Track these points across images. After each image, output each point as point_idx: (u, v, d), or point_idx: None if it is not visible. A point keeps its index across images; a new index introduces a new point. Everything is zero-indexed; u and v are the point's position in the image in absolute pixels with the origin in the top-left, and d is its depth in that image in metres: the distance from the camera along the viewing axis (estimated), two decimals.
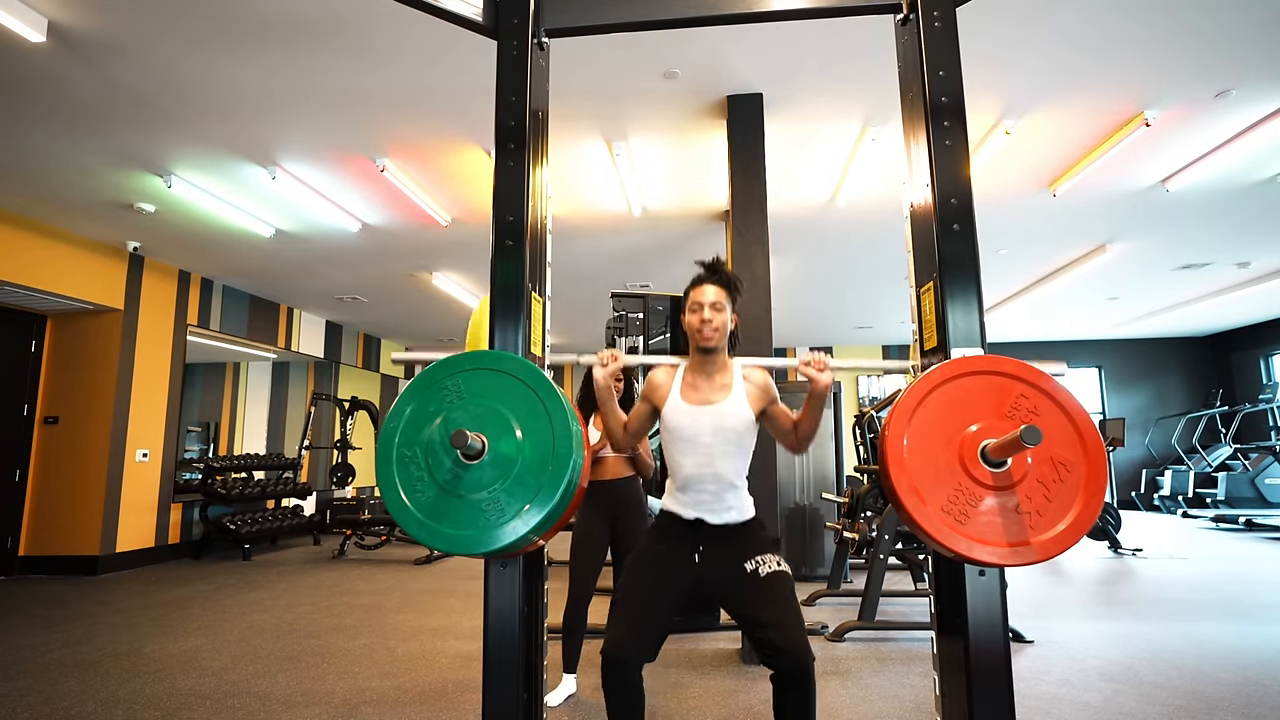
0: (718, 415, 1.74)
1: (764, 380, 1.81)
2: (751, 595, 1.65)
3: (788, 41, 3.14)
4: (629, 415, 1.89)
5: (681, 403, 1.78)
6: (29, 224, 5.11)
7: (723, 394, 1.76)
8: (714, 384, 1.78)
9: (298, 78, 3.34)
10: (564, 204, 4.99)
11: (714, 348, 1.76)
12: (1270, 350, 9.69)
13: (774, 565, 1.69)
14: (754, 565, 1.68)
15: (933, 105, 1.67)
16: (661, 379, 1.84)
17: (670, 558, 1.75)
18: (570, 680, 2.74)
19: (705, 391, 1.78)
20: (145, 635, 3.69)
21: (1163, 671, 2.99)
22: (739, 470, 1.77)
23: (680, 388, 1.80)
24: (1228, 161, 4.24)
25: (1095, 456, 1.35)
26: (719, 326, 1.75)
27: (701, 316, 1.75)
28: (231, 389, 9.62)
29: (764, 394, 1.79)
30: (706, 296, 1.76)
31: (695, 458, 1.74)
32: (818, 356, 1.65)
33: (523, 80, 1.81)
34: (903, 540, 3.99)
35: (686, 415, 1.76)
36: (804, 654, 1.55)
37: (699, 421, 1.75)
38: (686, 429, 1.75)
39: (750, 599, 1.65)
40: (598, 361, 1.76)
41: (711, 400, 1.76)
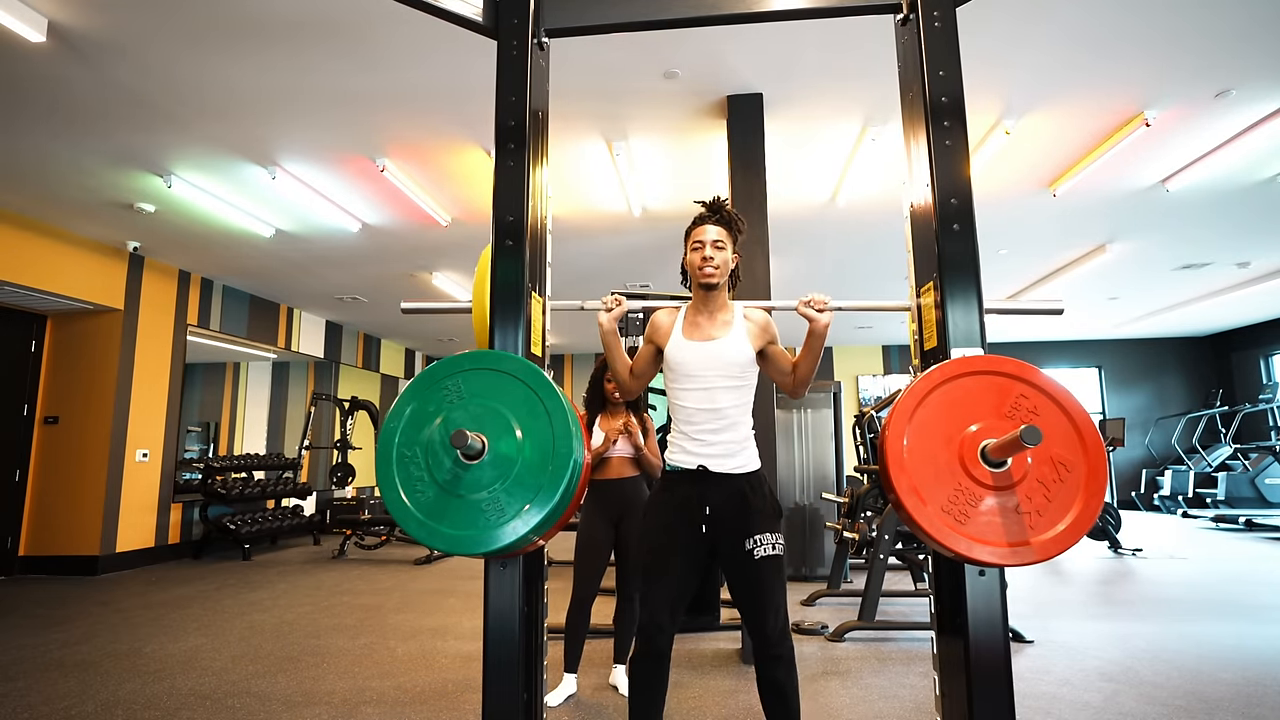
0: (718, 349, 1.78)
1: (764, 319, 1.84)
2: (744, 576, 1.72)
3: (788, 41, 3.14)
4: (634, 358, 1.93)
5: (683, 339, 1.81)
6: (29, 224, 5.11)
7: (724, 330, 1.80)
8: (715, 321, 1.82)
9: (298, 78, 3.34)
10: (564, 204, 4.99)
11: (715, 284, 1.79)
12: (1270, 350, 9.70)
13: (769, 549, 1.72)
14: (752, 545, 1.72)
15: (933, 105, 1.67)
16: (664, 320, 1.88)
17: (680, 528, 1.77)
18: (571, 680, 2.74)
19: (707, 328, 1.81)
20: (145, 635, 3.69)
21: (1163, 671, 2.99)
22: (740, 406, 1.79)
23: (682, 326, 1.84)
24: (1228, 161, 4.24)
25: (1095, 456, 1.35)
26: (720, 264, 1.78)
27: (703, 254, 1.79)
28: (231, 389, 9.61)
29: (764, 332, 1.82)
30: (708, 235, 1.80)
31: (697, 392, 1.78)
32: (817, 296, 1.69)
33: (523, 80, 1.81)
34: (903, 540, 3.98)
35: (689, 350, 1.79)
36: (781, 640, 1.67)
37: (700, 355, 1.78)
38: (689, 364, 1.79)
39: (743, 579, 1.73)
40: (602, 307, 1.80)
41: (713, 336, 1.80)
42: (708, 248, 1.79)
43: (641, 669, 1.73)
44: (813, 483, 5.47)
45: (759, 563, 1.71)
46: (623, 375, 1.92)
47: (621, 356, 1.90)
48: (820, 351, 1.75)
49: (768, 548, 1.73)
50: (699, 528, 1.75)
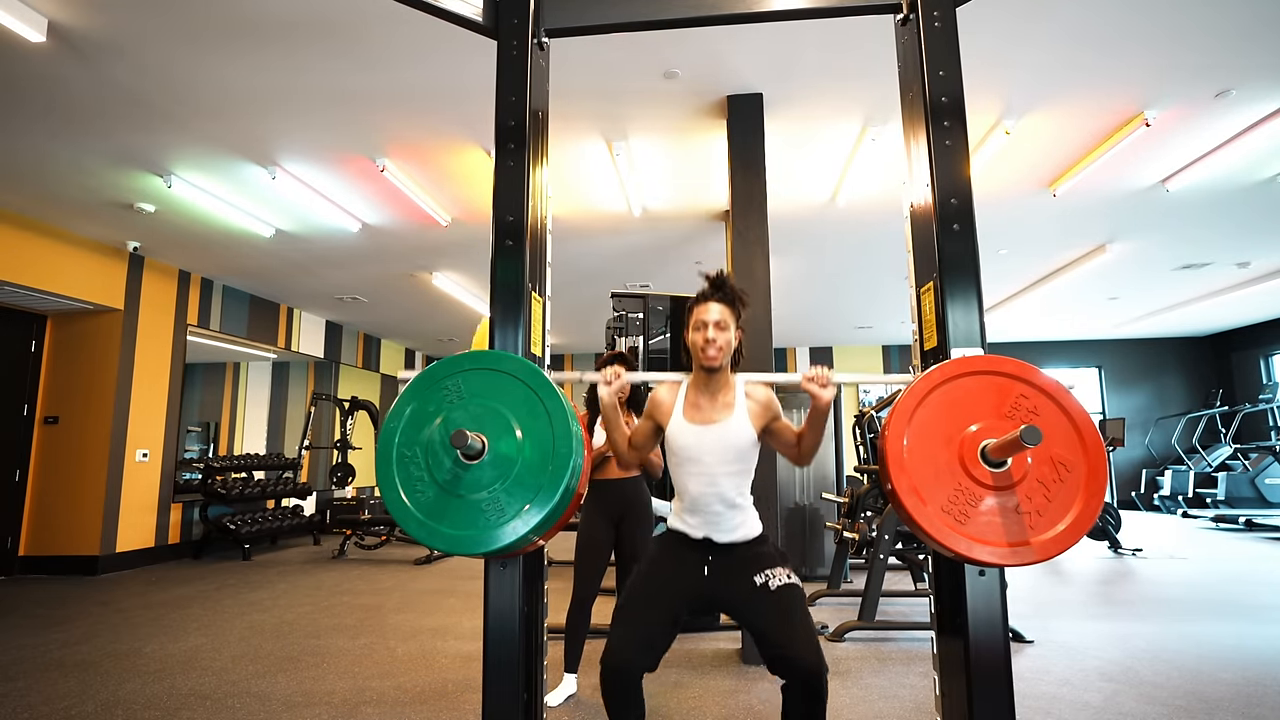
0: (720, 435, 1.73)
1: (766, 397, 1.79)
2: (763, 609, 1.64)
3: (788, 41, 3.14)
4: (633, 430, 1.89)
5: (685, 422, 1.76)
6: (29, 224, 5.11)
7: (725, 413, 1.75)
8: (716, 403, 1.77)
9: (298, 78, 3.34)
10: (564, 204, 4.99)
11: (717, 367, 1.74)
12: (1270, 350, 9.70)
13: (784, 578, 1.67)
14: (764, 579, 1.66)
15: (933, 105, 1.67)
16: (664, 397, 1.83)
17: (678, 569, 1.74)
18: (571, 680, 2.74)
19: (708, 410, 1.76)
20: (145, 635, 3.69)
21: (1163, 671, 2.99)
22: (742, 489, 1.76)
23: (683, 406, 1.79)
24: (1228, 161, 4.24)
25: (1095, 456, 1.35)
26: (723, 346, 1.73)
27: (705, 336, 1.73)
28: (231, 389, 9.62)
29: (766, 411, 1.77)
30: (710, 315, 1.74)
31: (700, 478, 1.74)
32: (820, 372, 1.63)
33: (523, 80, 1.81)
34: (903, 540, 3.98)
35: (690, 435, 1.75)
36: (818, 667, 1.54)
37: (702, 441, 1.73)
38: (690, 449, 1.74)
39: (762, 613, 1.64)
40: (601, 379, 1.74)
41: (714, 420, 1.75)
42: (710, 328, 1.72)
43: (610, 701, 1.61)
44: (813, 483, 5.47)
45: (777, 592, 1.65)
46: (621, 447, 1.87)
47: (621, 429, 1.85)
48: (824, 425, 1.70)
49: (782, 577, 1.67)
50: (700, 569, 1.72)
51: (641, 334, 4.01)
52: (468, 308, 7.91)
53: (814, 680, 1.54)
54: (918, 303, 1.75)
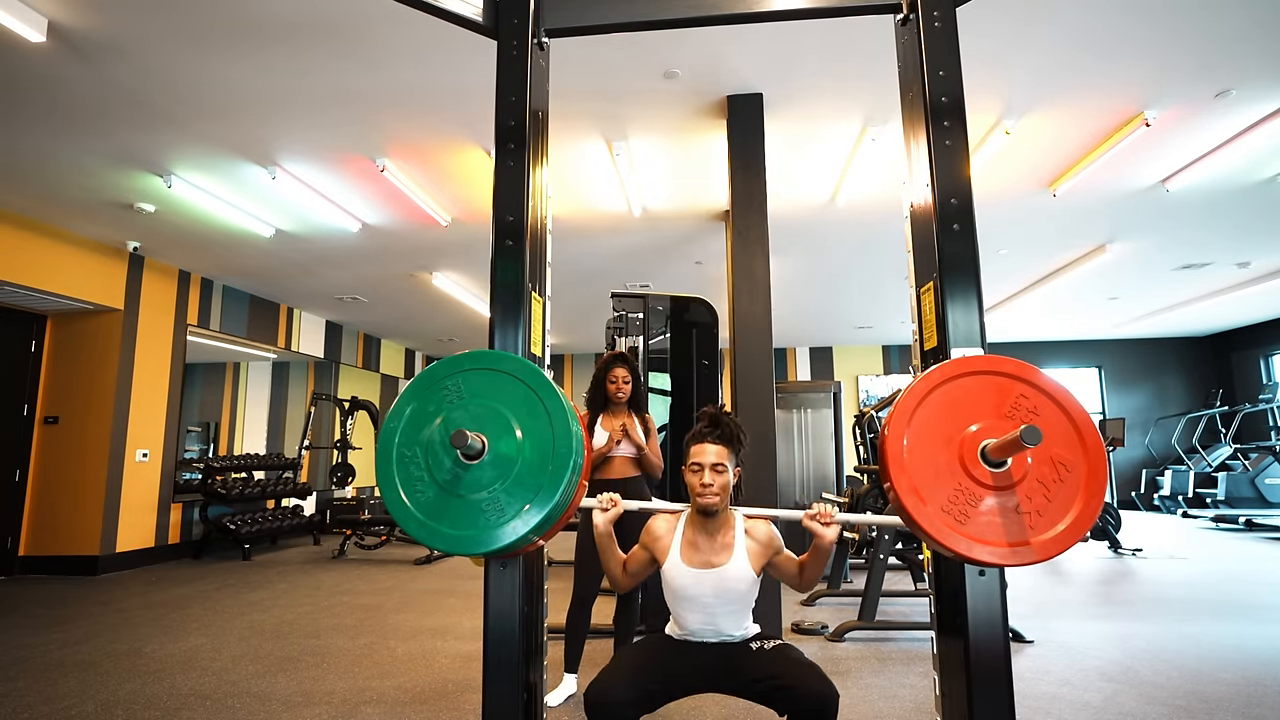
0: (719, 579, 1.72)
1: (768, 534, 1.77)
2: (762, 663, 1.66)
3: (788, 41, 3.14)
4: (628, 556, 1.86)
5: (681, 564, 1.75)
6: (29, 224, 5.11)
7: (724, 555, 1.73)
8: (715, 544, 1.75)
9: (298, 78, 3.34)
10: (564, 204, 4.99)
11: (715, 510, 1.72)
12: (1270, 350, 9.70)
13: (777, 641, 1.73)
14: (759, 644, 1.72)
15: (933, 105, 1.67)
16: (661, 531, 1.82)
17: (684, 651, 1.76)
18: (571, 680, 2.74)
19: (706, 552, 1.74)
20: (145, 635, 3.69)
21: (1163, 671, 2.99)
22: (742, 622, 1.77)
23: (680, 545, 1.77)
24: (1228, 161, 4.25)
25: (1095, 456, 1.35)
26: (720, 490, 1.71)
27: (702, 480, 1.71)
28: (231, 389, 9.61)
29: (767, 548, 1.76)
30: (707, 457, 1.72)
31: (698, 615, 1.74)
32: (824, 509, 1.62)
33: (523, 80, 1.81)
34: (903, 540, 3.98)
35: (688, 577, 1.73)
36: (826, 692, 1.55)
37: (701, 584, 1.72)
38: (688, 589, 1.73)
39: (761, 665, 1.66)
40: (597, 506, 1.72)
41: (713, 563, 1.73)
42: (706, 472, 1.71)
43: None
44: (813, 483, 5.47)
45: (774, 650, 1.68)
46: (616, 573, 1.85)
47: (616, 556, 1.82)
48: (827, 559, 1.69)
49: (775, 641, 1.72)
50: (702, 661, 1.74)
51: (641, 334, 4.01)
52: (468, 308, 7.91)
53: (823, 705, 1.53)
54: (918, 303, 1.74)
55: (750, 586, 1.74)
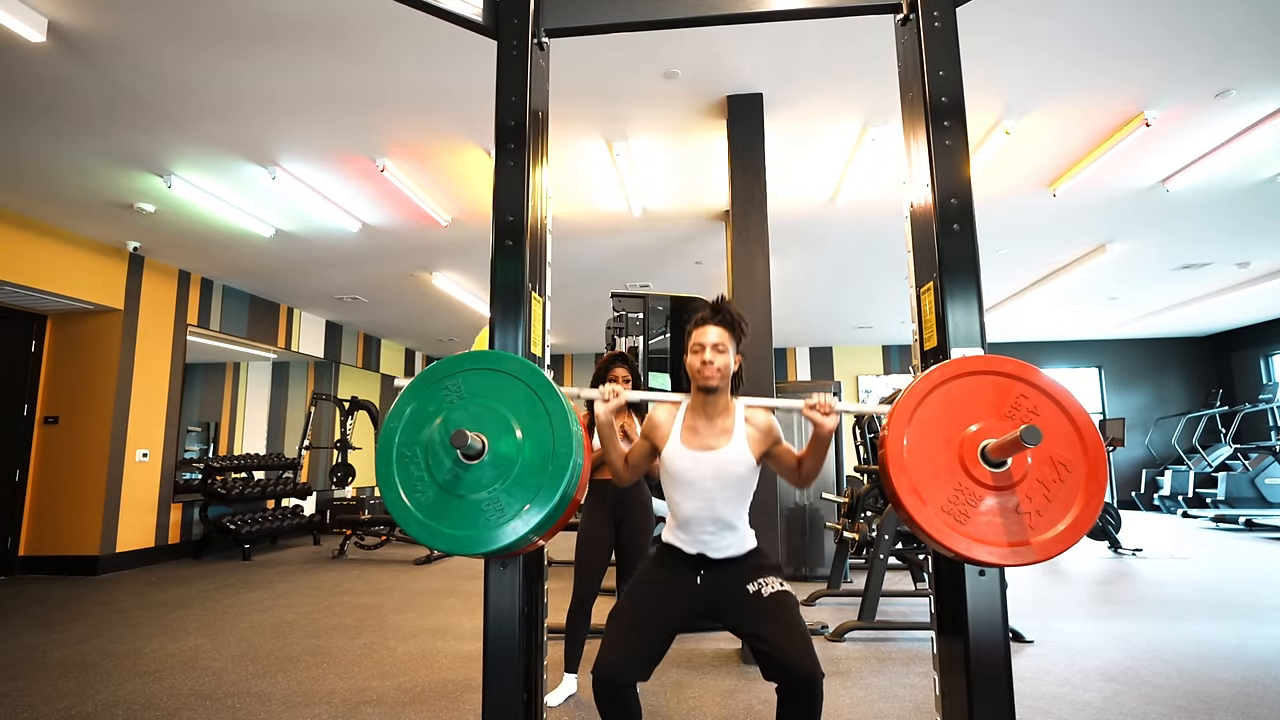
0: (718, 461, 1.72)
1: (767, 422, 1.78)
2: (755, 615, 1.64)
3: (788, 41, 3.14)
4: (629, 449, 1.88)
5: (681, 446, 1.75)
6: (29, 224, 5.11)
7: (724, 439, 1.74)
8: (715, 427, 1.76)
9: (298, 78, 3.34)
10: (564, 204, 4.99)
11: (714, 388, 1.73)
12: (1270, 350, 9.70)
13: (776, 586, 1.68)
14: (756, 586, 1.68)
15: (933, 105, 1.67)
16: (662, 419, 1.82)
17: (672, 580, 1.75)
18: (571, 680, 2.74)
19: (706, 435, 1.75)
20: (145, 635, 3.69)
21: (1163, 671, 2.99)
22: (739, 512, 1.76)
23: (680, 430, 1.78)
24: (1228, 161, 4.24)
25: (1095, 456, 1.35)
26: (721, 368, 1.72)
27: (703, 358, 1.73)
28: (231, 389, 9.61)
29: (766, 436, 1.76)
30: (708, 338, 1.74)
31: (695, 501, 1.73)
32: (823, 399, 1.62)
33: (523, 80, 1.81)
34: (903, 540, 3.98)
35: (687, 459, 1.74)
36: (813, 671, 1.54)
37: (699, 466, 1.73)
38: (686, 473, 1.74)
39: (754, 619, 1.64)
40: (599, 397, 1.74)
41: (712, 445, 1.74)
42: (708, 350, 1.73)
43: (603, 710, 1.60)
44: None
45: (770, 599, 1.65)
46: (618, 465, 1.85)
47: (617, 448, 1.82)
48: (825, 451, 1.69)
49: (774, 585, 1.68)
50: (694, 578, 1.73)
51: (641, 334, 4.01)
52: (468, 308, 7.91)
53: (809, 685, 1.54)
54: (918, 303, 1.75)
55: (749, 472, 1.74)
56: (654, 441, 1.82)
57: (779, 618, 1.61)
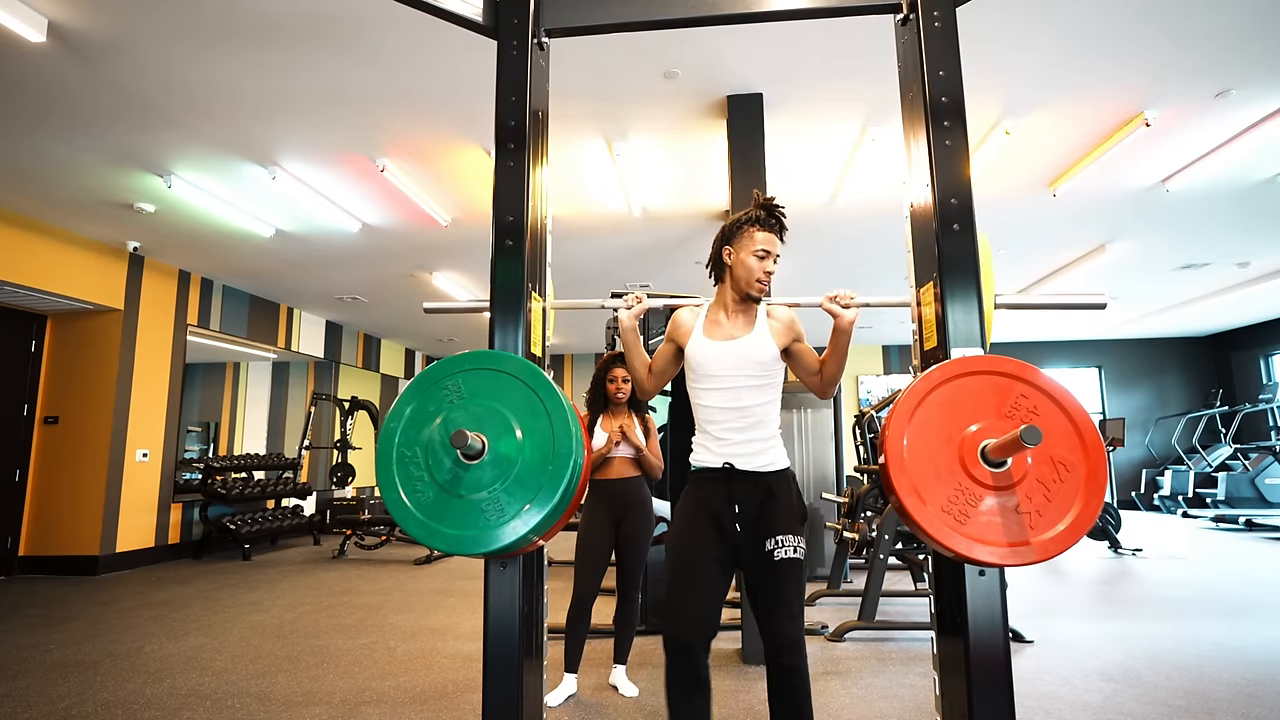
0: (741, 348, 1.72)
1: (789, 316, 1.79)
2: (760, 576, 1.66)
3: (788, 41, 3.14)
4: (654, 355, 1.88)
5: (705, 339, 1.76)
6: (29, 224, 5.11)
7: (746, 329, 1.75)
8: (738, 321, 1.77)
9: (298, 78, 3.34)
10: (564, 204, 4.99)
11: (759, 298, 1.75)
12: (1270, 350, 9.70)
13: (790, 550, 1.66)
14: (772, 545, 1.66)
15: (933, 105, 1.67)
16: (685, 319, 1.83)
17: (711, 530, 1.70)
18: (571, 680, 2.74)
19: (729, 327, 1.76)
20: (145, 635, 3.69)
21: (1163, 671, 2.99)
22: (765, 404, 1.73)
23: (704, 324, 1.79)
24: (1228, 161, 4.24)
25: (1095, 456, 1.35)
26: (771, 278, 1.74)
27: (765, 268, 1.71)
28: (231, 389, 9.61)
29: (788, 330, 1.77)
30: (775, 245, 1.73)
31: (721, 393, 1.72)
32: (843, 292, 1.66)
33: (523, 80, 1.81)
34: (903, 540, 3.98)
35: (711, 350, 1.74)
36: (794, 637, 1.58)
37: (723, 356, 1.72)
38: (711, 363, 1.73)
39: (759, 579, 1.66)
40: (623, 304, 1.78)
41: (735, 335, 1.74)
42: (771, 260, 1.72)
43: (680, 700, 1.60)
44: (813, 483, 5.47)
45: (778, 564, 1.65)
46: (641, 374, 1.88)
47: (640, 355, 1.85)
48: (846, 349, 1.69)
49: (789, 549, 1.66)
50: (731, 528, 1.69)
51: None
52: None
53: (789, 658, 1.58)
54: (918, 303, 1.75)
55: (773, 361, 1.73)
56: (678, 341, 1.82)
57: (777, 586, 1.64)
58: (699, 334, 1.77)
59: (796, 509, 1.72)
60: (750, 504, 1.69)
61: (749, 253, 1.73)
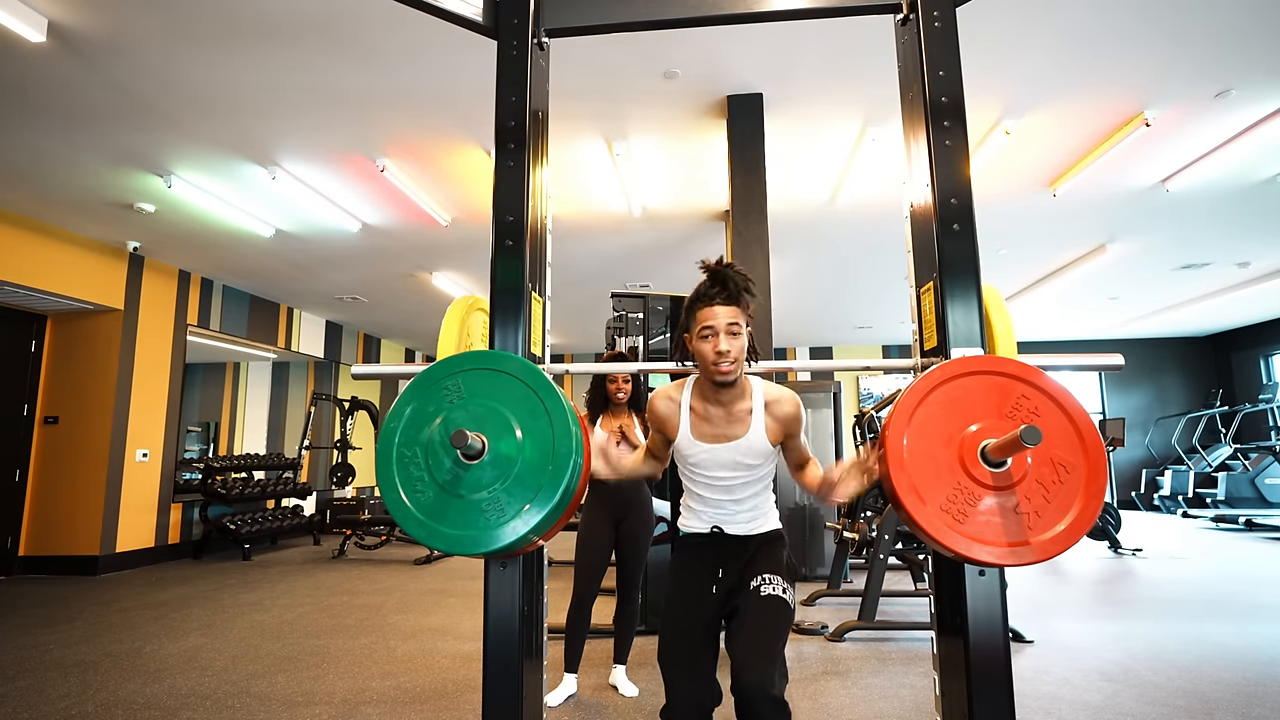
0: (735, 453, 1.59)
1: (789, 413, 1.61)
2: (742, 611, 1.56)
3: (788, 41, 3.14)
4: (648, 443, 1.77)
5: (693, 440, 1.61)
6: (29, 224, 5.11)
7: (740, 428, 1.59)
8: (730, 414, 1.59)
9: (298, 78, 3.34)
10: (564, 204, 4.99)
11: (732, 381, 1.54)
12: (1270, 350, 9.70)
13: (775, 589, 1.57)
14: (758, 582, 1.58)
15: (933, 105, 1.67)
16: (665, 411, 1.65)
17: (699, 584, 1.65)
18: (571, 680, 2.74)
19: (720, 425, 1.60)
20: (145, 635, 3.69)
21: (1162, 671, 2.99)
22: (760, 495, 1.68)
23: (690, 419, 1.62)
24: (1227, 161, 4.24)
25: (1095, 457, 1.35)
26: (737, 356, 1.51)
27: (717, 348, 1.49)
28: (231, 389, 9.61)
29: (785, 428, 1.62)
30: (719, 319, 1.50)
31: (713, 487, 1.64)
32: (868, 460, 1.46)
33: (523, 80, 1.81)
34: (903, 540, 3.98)
35: (702, 453, 1.62)
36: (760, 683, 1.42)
37: (716, 459, 1.61)
38: (703, 465, 1.63)
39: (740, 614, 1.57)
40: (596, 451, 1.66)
41: (727, 436, 1.59)
42: (722, 338, 1.49)
43: None
44: None
45: (763, 599, 1.54)
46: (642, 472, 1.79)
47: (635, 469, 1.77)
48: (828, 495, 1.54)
49: (775, 587, 1.56)
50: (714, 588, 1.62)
51: (641, 334, 4.01)
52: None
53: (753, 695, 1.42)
54: (918, 303, 1.75)
55: (766, 460, 1.62)
56: (664, 434, 1.69)
57: (757, 623, 1.52)
58: (686, 432, 1.61)
59: (785, 563, 1.66)
60: (737, 558, 1.65)
61: (695, 335, 1.54)
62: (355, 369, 1.74)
